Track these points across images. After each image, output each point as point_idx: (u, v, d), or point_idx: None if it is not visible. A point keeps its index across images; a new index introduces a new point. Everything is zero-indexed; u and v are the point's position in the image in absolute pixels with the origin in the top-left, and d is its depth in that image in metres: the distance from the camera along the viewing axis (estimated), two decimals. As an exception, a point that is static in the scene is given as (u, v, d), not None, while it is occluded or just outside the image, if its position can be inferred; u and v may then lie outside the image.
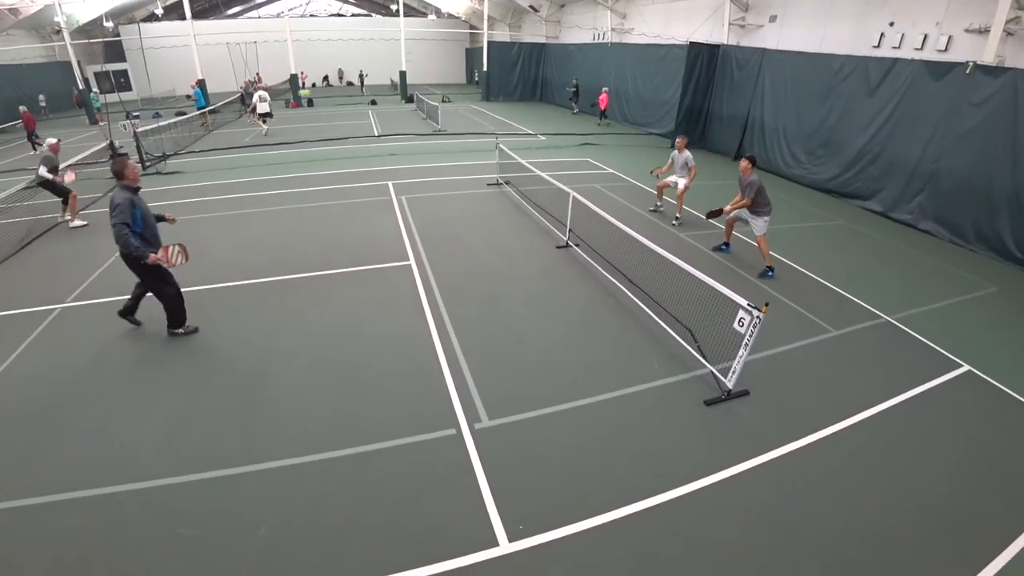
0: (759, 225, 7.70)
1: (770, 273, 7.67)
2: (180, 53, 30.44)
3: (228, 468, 4.13)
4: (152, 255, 5.31)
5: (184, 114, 20.76)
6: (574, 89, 25.16)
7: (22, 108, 18.71)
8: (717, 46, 16.37)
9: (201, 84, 23.66)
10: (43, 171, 9.31)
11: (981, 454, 4.52)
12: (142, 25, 35.31)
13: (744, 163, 7.70)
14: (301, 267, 7.59)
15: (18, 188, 9.81)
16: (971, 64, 9.42)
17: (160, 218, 5.94)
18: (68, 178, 9.70)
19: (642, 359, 5.63)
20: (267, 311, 6.51)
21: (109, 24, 31.77)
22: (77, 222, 9.60)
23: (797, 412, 4.89)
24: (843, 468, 4.27)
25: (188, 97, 28.94)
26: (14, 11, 24.74)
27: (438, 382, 5.18)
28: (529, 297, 6.97)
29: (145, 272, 5.50)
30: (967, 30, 10.22)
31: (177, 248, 5.56)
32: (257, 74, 31.08)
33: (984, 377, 5.57)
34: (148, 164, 14.02)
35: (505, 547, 3.48)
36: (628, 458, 4.28)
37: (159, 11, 33.86)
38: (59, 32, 25.52)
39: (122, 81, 34.48)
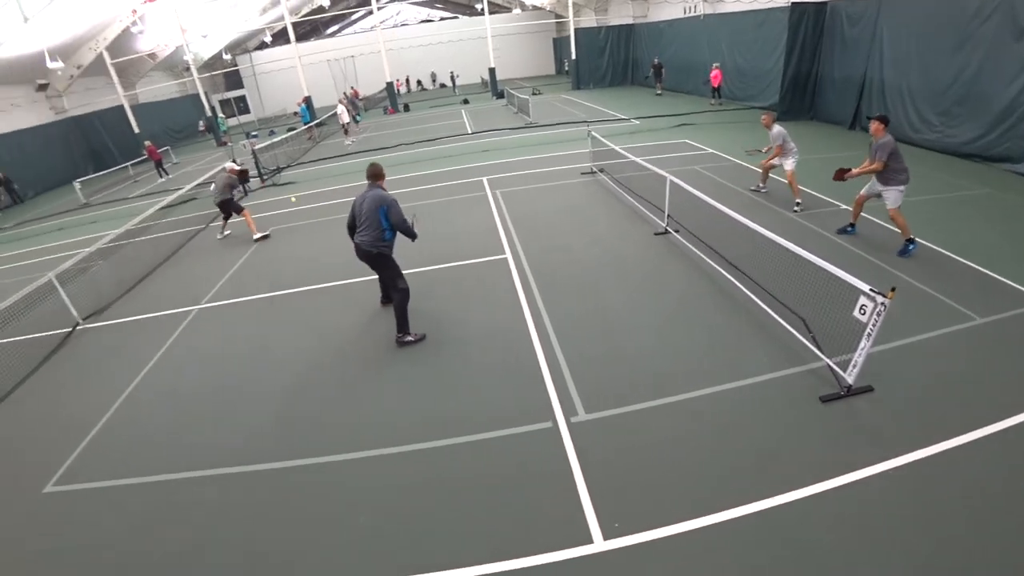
0: (893, 196, 6.73)
1: (912, 247, 6.77)
2: (288, 75, 32.98)
3: (330, 455, 4.48)
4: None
5: (293, 130, 22.48)
6: (654, 69, 24.12)
7: (147, 142, 21.21)
8: (824, 2, 14.88)
9: (307, 101, 25.49)
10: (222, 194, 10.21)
11: None
12: (254, 53, 38.78)
13: (875, 124, 6.78)
14: (403, 265, 7.91)
15: (155, 209, 11.21)
16: None
17: None
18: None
19: (749, 351, 5.25)
20: (371, 306, 6.90)
21: (227, 56, 35.29)
22: (259, 234, 10.35)
23: (932, 413, 4.25)
24: (988, 481, 3.61)
25: (294, 114, 31.29)
26: (152, 56, 28.17)
27: (535, 375, 5.20)
28: (627, 286, 6.79)
29: (391, 266, 5.98)
30: None
31: (413, 217, 6.10)
32: (352, 87, 32.89)
33: None
34: (266, 177, 15.36)
35: (600, 545, 3.41)
36: (733, 457, 4.02)
37: (268, 39, 36.94)
38: (188, 69, 28.71)
39: (241, 105, 38.08)
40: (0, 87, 20.78)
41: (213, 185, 10.52)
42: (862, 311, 4.12)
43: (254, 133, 25.32)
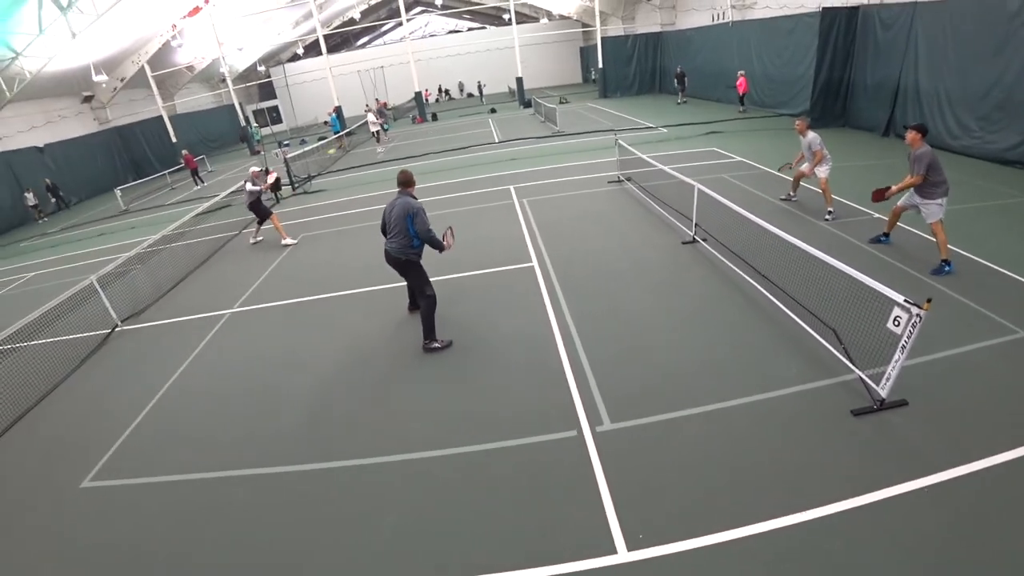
0: (932, 210, 6.42)
1: (947, 268, 6.40)
2: (319, 85, 33.81)
3: (358, 459, 4.57)
4: (445, 244, 5.94)
5: (324, 139, 22.99)
6: (677, 78, 23.97)
7: (184, 151, 21.93)
8: (856, 7, 14.61)
9: (338, 111, 26.04)
10: (249, 185, 10.61)
11: None
12: (287, 65, 39.84)
13: (912, 134, 6.51)
14: (429, 272, 7.98)
15: (191, 215, 11.59)
16: None
17: None
18: (270, 179, 11.35)
19: (778, 362, 5.15)
20: (390, 314, 6.99)
21: (262, 68, 36.35)
22: (288, 240, 10.67)
23: (970, 429, 4.08)
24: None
25: (325, 123, 31.98)
26: (190, 68, 29.21)
27: (560, 383, 5.20)
28: (654, 295, 6.74)
29: (419, 273, 6.03)
30: None
31: (448, 231, 6.15)
32: (377, 99, 33.39)
33: None
34: (297, 185, 15.71)
35: (623, 555, 3.38)
36: (761, 470, 3.93)
37: (300, 51, 37.96)
38: (224, 80, 29.64)
39: (274, 115, 39.16)
40: (49, 99, 21.80)
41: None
42: (896, 323, 4.01)
43: (286, 142, 25.97)
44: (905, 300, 3.90)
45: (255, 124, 32.43)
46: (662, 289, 6.92)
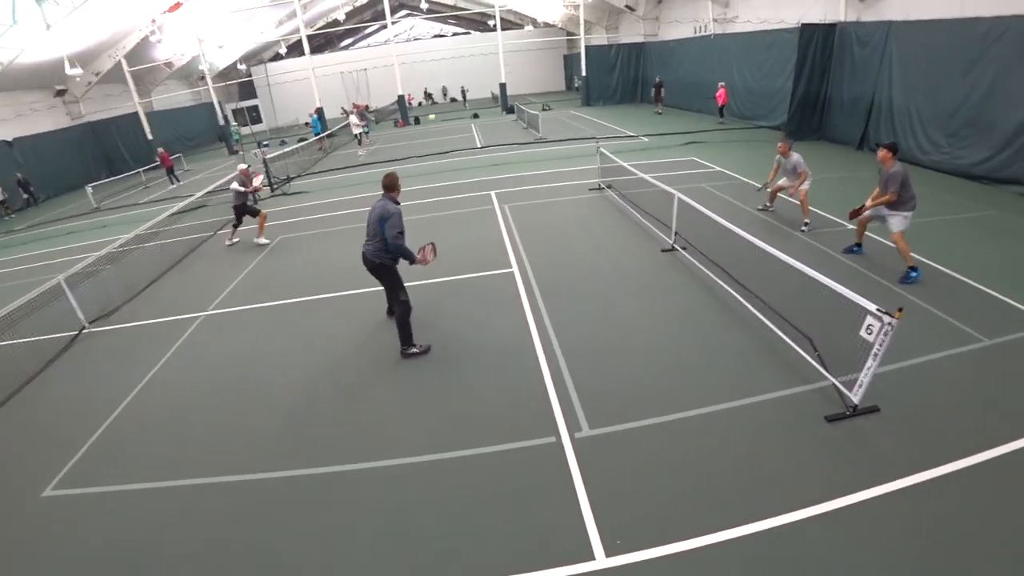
0: (896, 221, 6.68)
1: (913, 274, 6.66)
2: (301, 86, 33.44)
3: (335, 465, 4.47)
4: (419, 257, 5.82)
5: (305, 140, 22.74)
6: (655, 88, 24.32)
7: (160, 149, 21.53)
8: (833, 25, 14.98)
9: (319, 112, 25.80)
10: (236, 185, 10.37)
11: None
12: (268, 64, 39.38)
13: (883, 152, 6.71)
14: (408, 276, 7.92)
15: (165, 215, 11.36)
16: None
17: None
18: (256, 182, 11.00)
19: (754, 369, 5.23)
20: (372, 318, 6.91)
21: (242, 67, 35.87)
22: (262, 240, 10.60)
23: (938, 434, 4.21)
24: (987, 505, 3.56)
25: (306, 124, 31.62)
26: (168, 64, 28.68)
27: (539, 389, 5.19)
28: (633, 303, 6.78)
29: (393, 278, 5.94)
30: None
31: (431, 247, 6.04)
32: (355, 103, 33.02)
33: None
34: (276, 186, 15.51)
35: (601, 562, 3.38)
36: (737, 476, 3.98)
37: (283, 50, 37.54)
38: (203, 78, 29.17)
39: (254, 115, 38.63)
40: (20, 92, 21.20)
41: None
42: (868, 331, 4.10)
43: (265, 143, 25.64)
44: (878, 309, 4.00)
45: (235, 123, 31.96)
46: (642, 296, 6.97)
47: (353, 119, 21.55)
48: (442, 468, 4.33)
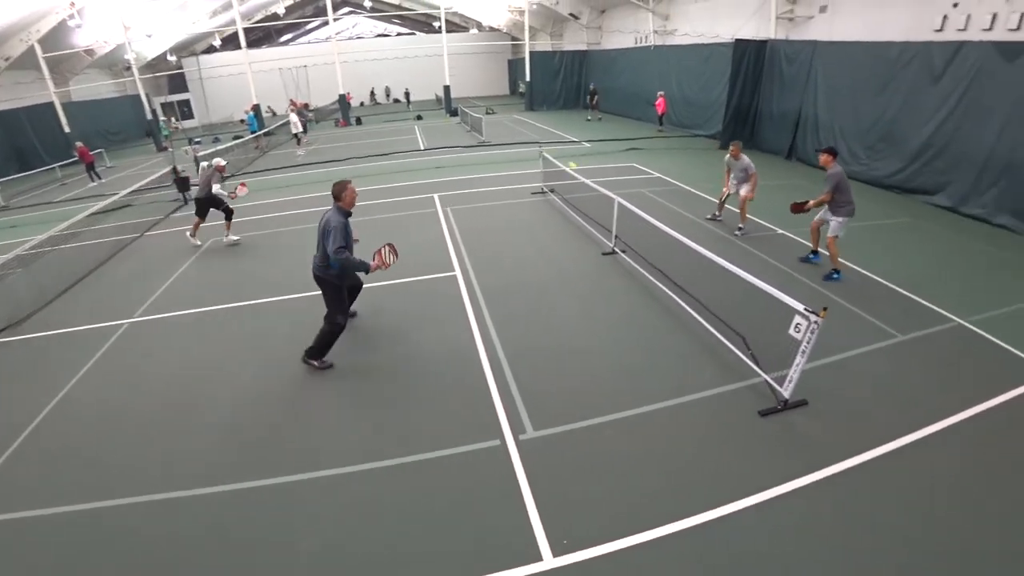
0: (833, 225, 7.16)
1: (836, 276, 7.21)
2: (236, 81, 32.05)
3: (274, 478, 4.25)
4: (373, 264, 5.49)
5: (240, 138, 21.81)
6: (590, 94, 25.01)
7: (78, 143, 20.09)
8: (764, 42, 15.82)
9: (256, 109, 24.82)
10: (216, 188, 9.72)
11: None
12: (201, 57, 37.50)
13: (824, 156, 7.21)
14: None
15: (85, 214, 10.57)
16: (1048, 44, 8.72)
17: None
18: (240, 192, 10.35)
19: (693, 368, 5.43)
20: (313, 324, 6.68)
21: (173, 58, 33.98)
22: (232, 237, 10.06)
23: (860, 424, 4.55)
24: (908, 487, 3.91)
25: (241, 122, 30.32)
26: (90, 52, 26.76)
27: (483, 393, 5.17)
28: (575, 305, 6.88)
29: (335, 294, 5.58)
30: (1042, 7, 9.46)
31: (388, 248, 5.71)
32: (293, 100, 31.87)
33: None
34: (208, 186, 14.79)
35: (549, 562, 3.40)
36: (678, 471, 4.12)
37: (217, 43, 35.82)
38: (129, 68, 27.43)
39: (185, 110, 36.65)
40: (-87, 77, 19.25)
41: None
42: (797, 329, 4.34)
43: (197, 140, 24.39)
44: (805, 308, 4.24)
45: (164, 118, 30.24)
46: (583, 299, 7.08)
47: (293, 117, 20.85)
48: (383, 476, 4.23)
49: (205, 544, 3.71)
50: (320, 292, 5.73)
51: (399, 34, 47.93)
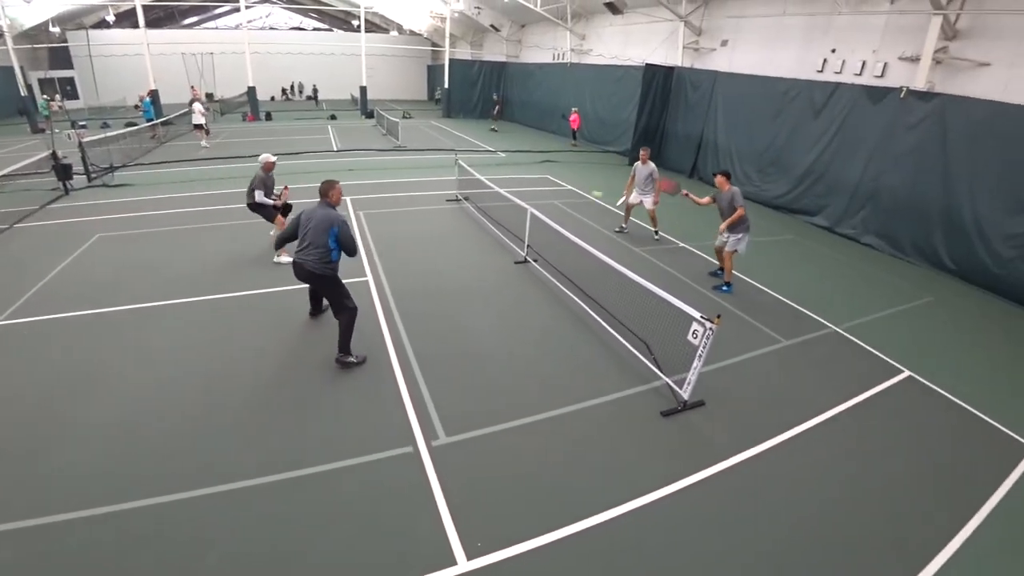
0: (730, 241, 7.72)
1: (726, 288, 7.86)
2: (132, 62, 29.48)
3: (175, 493, 3.94)
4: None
5: (134, 125, 20.06)
6: (495, 104, 25.65)
7: None
8: (672, 68, 16.91)
9: (153, 95, 22.96)
10: (259, 196, 8.27)
11: (922, 455, 4.77)
12: (91, 32, 34.08)
13: (720, 179, 7.72)
14: (253, 284, 7.38)
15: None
16: (904, 89, 10.01)
17: None
18: (284, 196, 8.77)
19: (600, 372, 5.69)
20: (217, 329, 6.29)
21: (56, 30, 30.63)
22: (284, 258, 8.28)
23: (750, 421, 5.03)
24: (793, 475, 4.41)
25: (136, 107, 27.86)
26: (-50, 15, 23.53)
27: (394, 400, 5.10)
28: (487, 313, 6.96)
29: (337, 287, 5.57)
30: (900, 58, 10.88)
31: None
32: (192, 87, 29.73)
33: (923, 381, 5.91)
34: (94, 176, 13.47)
35: (463, 566, 3.43)
36: (586, 471, 4.30)
37: (110, 18, 32.73)
38: (1, 36, 24.37)
39: (68, 89, 33.07)
40: None
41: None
42: (694, 335, 4.69)
43: (82, 123, 22.12)
44: (701, 316, 4.59)
45: (44, 96, 27.13)
46: (496, 306, 7.18)
47: (198, 107, 19.35)
48: (292, 487, 4.04)
49: (92, 572, 3.37)
50: (317, 291, 5.86)
51: (316, 29, 46.26)
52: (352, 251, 5.54)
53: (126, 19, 33.46)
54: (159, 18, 38.49)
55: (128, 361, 5.62)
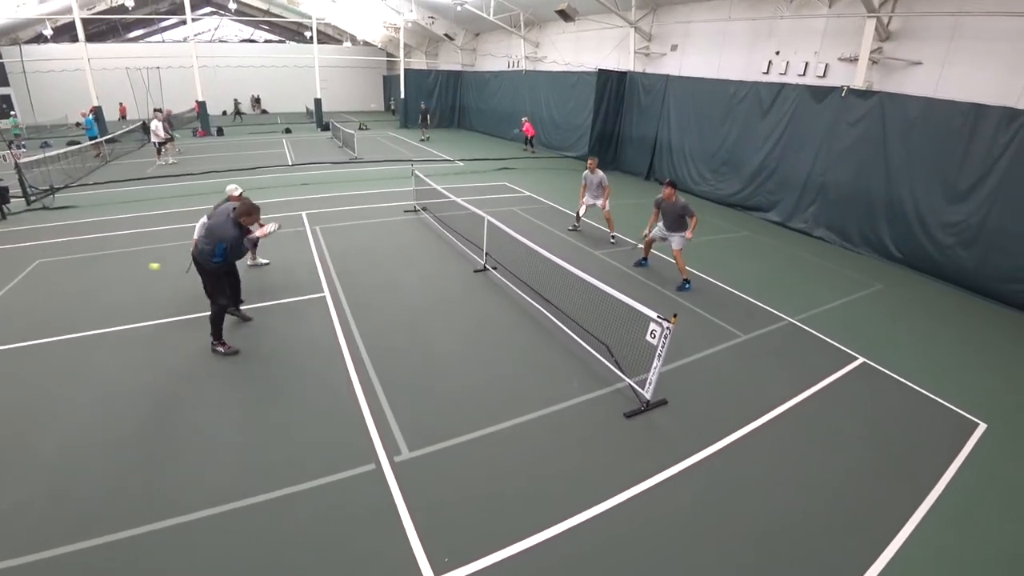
0: (677, 241, 7.93)
1: (687, 286, 8.00)
2: (73, 78, 28.30)
3: (124, 530, 3.70)
4: (259, 233, 5.99)
5: (77, 143, 19.21)
6: (422, 113, 25.85)
7: None
8: (624, 73, 17.21)
9: (97, 112, 22.09)
10: (247, 244, 7.98)
11: (879, 438, 4.95)
12: (26, 47, 32.56)
13: (668, 190, 7.75)
14: (194, 308, 7.01)
15: None
16: (845, 88, 10.43)
17: None
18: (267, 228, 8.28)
19: (562, 377, 5.68)
20: (168, 352, 6.03)
21: (-14, 47, 29.16)
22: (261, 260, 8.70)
23: (712, 417, 5.09)
24: (756, 466, 4.49)
25: (77, 125, 26.72)
26: None
27: (355, 417, 4.97)
28: (448, 323, 6.88)
29: (215, 281, 5.90)
30: (840, 58, 11.34)
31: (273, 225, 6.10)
32: (155, 110, 28.63)
33: (877, 367, 6.14)
34: (33, 199, 12.83)
35: (430, 583, 3.35)
36: (552, 478, 4.26)
37: (48, 32, 31.34)
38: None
39: (3, 106, 31.56)
40: None
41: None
42: (652, 335, 4.73)
43: (22, 143, 21.09)
44: (658, 316, 4.63)
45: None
46: (455, 316, 7.12)
47: (155, 125, 18.51)
48: (251, 514, 3.86)
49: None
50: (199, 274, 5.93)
51: (267, 41, 45.37)
52: (241, 256, 5.97)
53: (65, 33, 32.11)
54: (101, 32, 37.08)
55: (61, 392, 5.30)
